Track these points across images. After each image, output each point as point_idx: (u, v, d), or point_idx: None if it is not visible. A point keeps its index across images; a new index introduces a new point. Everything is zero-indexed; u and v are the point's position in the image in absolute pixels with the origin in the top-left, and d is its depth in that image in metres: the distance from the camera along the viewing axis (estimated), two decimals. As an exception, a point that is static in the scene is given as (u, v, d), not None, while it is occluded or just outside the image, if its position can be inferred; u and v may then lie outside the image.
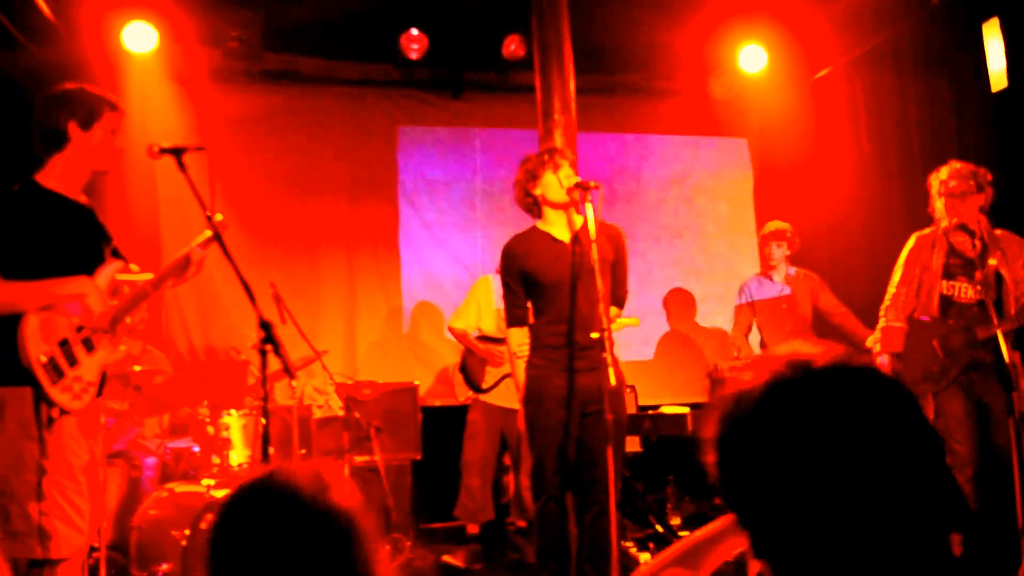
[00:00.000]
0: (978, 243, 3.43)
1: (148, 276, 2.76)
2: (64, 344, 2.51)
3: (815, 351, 0.90)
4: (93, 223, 2.72)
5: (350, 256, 5.84)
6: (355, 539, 1.11)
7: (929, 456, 0.84)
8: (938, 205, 3.72)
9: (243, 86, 5.61)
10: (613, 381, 2.89)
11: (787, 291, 5.01)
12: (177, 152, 2.62)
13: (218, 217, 2.68)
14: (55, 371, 2.46)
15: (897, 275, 3.84)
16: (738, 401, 0.90)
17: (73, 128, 2.60)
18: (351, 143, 5.89)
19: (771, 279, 5.07)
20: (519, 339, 3.35)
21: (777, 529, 0.86)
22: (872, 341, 3.88)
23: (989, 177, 3.68)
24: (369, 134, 5.94)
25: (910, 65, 5.15)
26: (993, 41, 4.41)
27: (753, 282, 5.15)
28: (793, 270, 5.06)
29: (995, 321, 3.28)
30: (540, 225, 3.37)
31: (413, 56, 5.42)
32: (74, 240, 2.62)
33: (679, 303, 6.31)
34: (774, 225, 5.06)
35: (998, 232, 3.63)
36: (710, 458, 0.92)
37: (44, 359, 2.44)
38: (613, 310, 3.42)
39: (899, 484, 0.82)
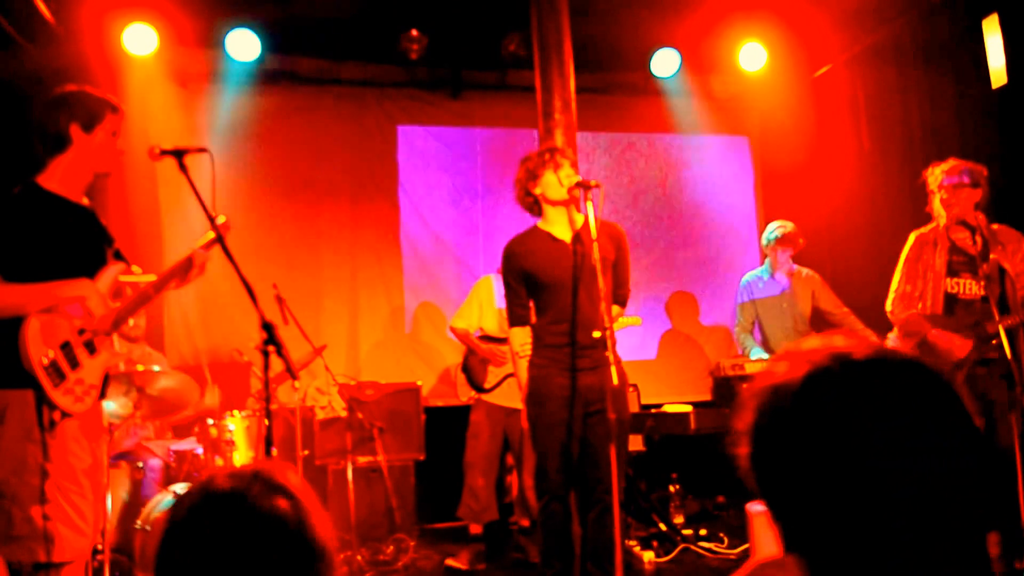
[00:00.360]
0: (979, 239, 3.43)
1: (151, 277, 2.76)
2: (66, 346, 2.51)
3: (853, 342, 0.88)
4: (95, 225, 2.72)
5: (352, 256, 5.84)
6: (303, 543, 1.07)
7: (971, 449, 0.82)
8: (935, 203, 3.72)
9: (243, 87, 5.61)
10: (616, 380, 2.89)
11: (788, 289, 5.01)
12: (178, 154, 2.62)
13: (221, 219, 2.67)
14: (57, 374, 2.46)
15: (898, 274, 3.83)
16: (775, 393, 0.88)
17: (75, 130, 2.60)
18: (351, 143, 5.89)
19: (773, 277, 5.07)
20: (521, 338, 3.35)
21: (812, 522, 0.84)
22: (892, 337, 3.85)
23: (985, 173, 3.67)
24: (369, 134, 5.94)
25: (911, 61, 5.15)
26: (993, 37, 4.40)
27: (755, 280, 5.15)
28: (795, 267, 5.06)
29: (996, 316, 3.28)
30: (541, 224, 3.36)
31: (412, 56, 5.42)
32: (76, 243, 2.62)
33: (681, 303, 6.31)
34: (781, 230, 4.99)
35: (995, 227, 3.62)
36: (743, 450, 0.90)
37: (46, 362, 2.44)
38: (615, 309, 3.42)
39: (939, 479, 0.80)
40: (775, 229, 5.02)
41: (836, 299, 4.99)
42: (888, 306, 3.83)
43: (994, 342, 3.49)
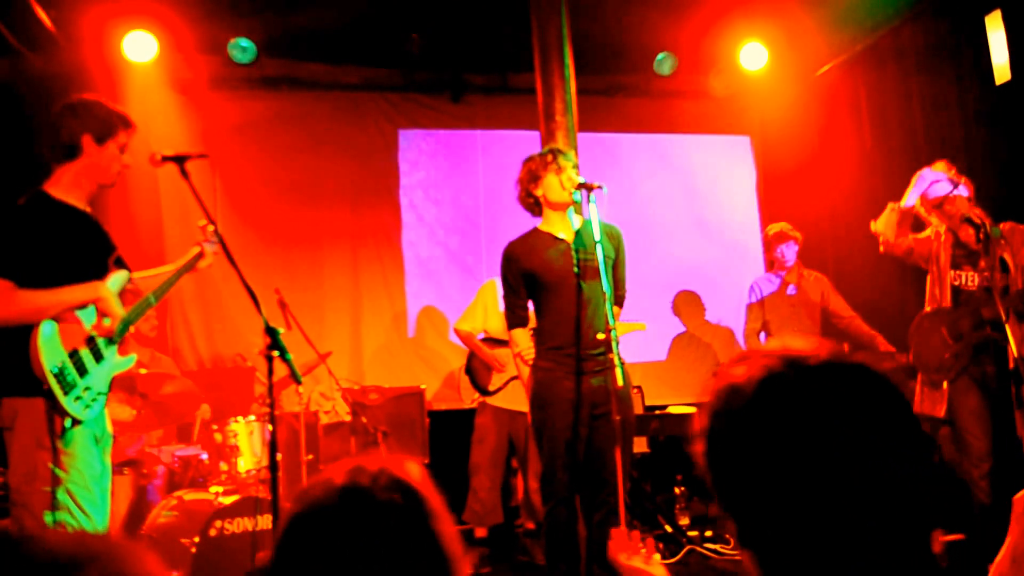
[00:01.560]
0: (982, 233, 3.45)
1: (152, 272, 2.83)
2: (74, 354, 2.52)
3: (808, 347, 0.91)
4: (99, 233, 2.74)
5: (354, 261, 5.84)
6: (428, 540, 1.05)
7: (916, 454, 0.86)
8: (933, 219, 3.80)
9: (243, 93, 5.62)
10: (621, 382, 2.88)
11: (797, 289, 5.01)
12: (179, 160, 2.63)
13: (211, 227, 2.69)
14: (66, 381, 2.47)
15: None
16: (730, 395, 0.91)
17: (88, 141, 2.63)
18: (352, 148, 5.89)
19: (781, 277, 5.06)
20: (523, 341, 3.34)
21: (763, 521, 0.87)
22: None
23: (954, 169, 3.73)
24: (370, 138, 5.94)
25: (912, 59, 5.14)
26: (996, 34, 4.39)
27: (763, 280, 5.16)
28: (803, 269, 5.06)
29: (998, 301, 3.29)
30: (542, 226, 3.36)
31: (413, 59, 5.42)
32: (82, 251, 2.63)
33: (682, 304, 6.30)
34: (778, 227, 5.05)
35: (1003, 225, 3.64)
36: (699, 448, 0.93)
37: (55, 370, 2.45)
38: (614, 310, 3.41)
39: (883, 480, 0.83)
40: (769, 230, 5.10)
41: (845, 302, 5.00)
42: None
43: (988, 328, 3.52)
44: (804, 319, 4.96)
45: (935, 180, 3.69)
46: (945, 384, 3.63)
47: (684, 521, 4.78)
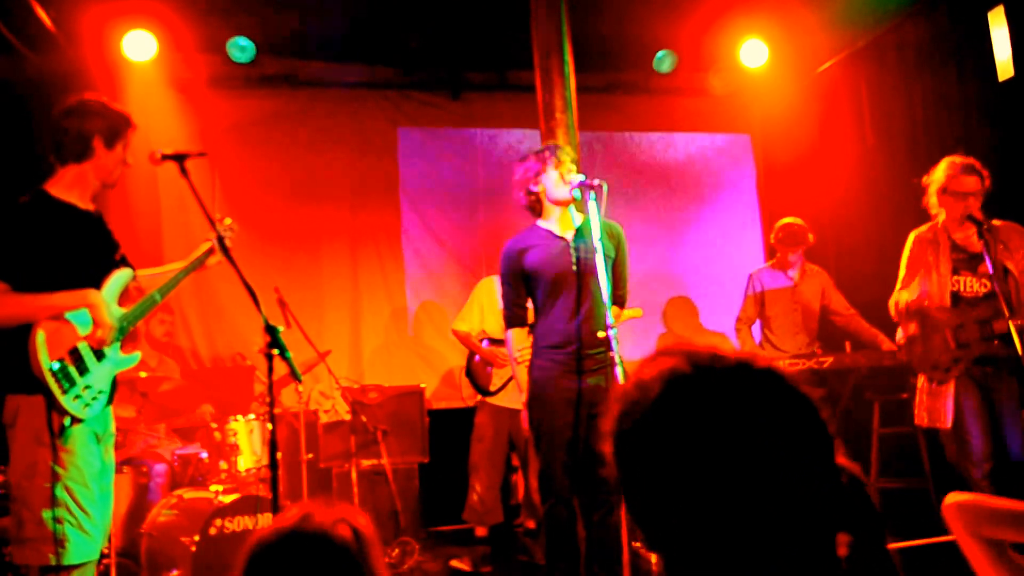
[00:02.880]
0: (986, 235, 3.40)
1: (160, 270, 2.85)
2: (75, 352, 2.52)
3: (722, 349, 0.91)
4: (103, 232, 2.73)
5: (353, 259, 5.84)
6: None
7: (818, 459, 0.86)
8: (933, 202, 3.70)
9: (242, 91, 5.62)
10: (622, 380, 2.87)
11: (797, 283, 4.98)
12: (179, 158, 2.64)
13: (227, 220, 2.68)
14: (66, 379, 2.47)
15: (901, 274, 3.82)
16: (636, 396, 0.90)
17: (97, 143, 2.63)
18: (352, 146, 5.88)
19: (784, 271, 5.03)
20: (519, 342, 3.33)
21: (669, 524, 0.87)
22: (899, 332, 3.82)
23: (979, 167, 3.66)
24: (369, 136, 5.93)
25: (914, 56, 5.12)
26: (999, 30, 4.37)
27: (764, 273, 5.11)
28: (805, 263, 5.03)
29: (1007, 314, 3.25)
30: (541, 223, 3.35)
31: (412, 57, 5.41)
32: (85, 250, 2.63)
33: (683, 303, 6.29)
34: (790, 227, 4.95)
35: (996, 222, 3.59)
36: (607, 448, 0.92)
37: (55, 368, 2.45)
38: (613, 310, 3.40)
39: (785, 484, 0.83)
40: (785, 227, 5.00)
41: (844, 300, 4.97)
42: (892, 309, 3.80)
43: (996, 342, 3.47)
44: (804, 311, 4.94)
45: (962, 175, 3.60)
46: (950, 386, 3.56)
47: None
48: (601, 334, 3.08)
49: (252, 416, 4.08)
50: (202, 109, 5.53)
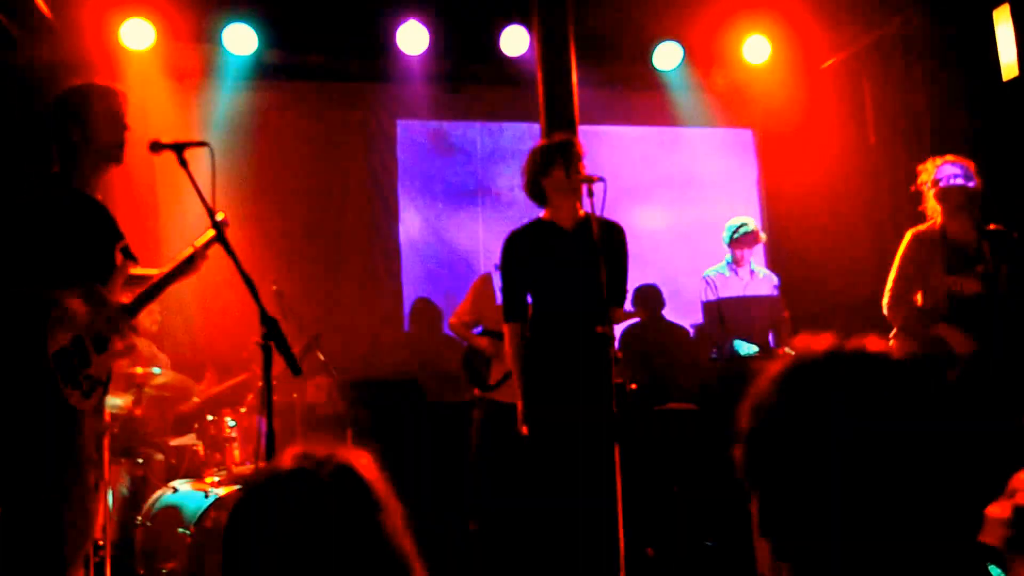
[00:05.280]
0: (985, 235, 3.40)
1: (152, 271, 2.80)
2: (77, 341, 2.49)
3: (823, 342, 0.89)
4: (108, 220, 2.71)
5: (350, 251, 5.81)
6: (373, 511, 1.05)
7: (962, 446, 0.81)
8: (930, 201, 3.68)
9: (240, 82, 5.58)
10: (619, 377, 2.86)
11: (751, 287, 4.92)
12: (178, 148, 2.60)
13: (220, 215, 2.66)
14: (67, 369, 2.45)
15: (893, 273, 3.78)
16: (755, 395, 0.90)
17: (92, 123, 2.61)
18: (350, 138, 5.86)
19: (736, 273, 4.97)
20: (517, 336, 3.31)
21: (804, 531, 0.83)
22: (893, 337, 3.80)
23: (974, 168, 3.65)
24: (368, 128, 5.90)
25: (918, 53, 5.10)
26: (1004, 28, 4.35)
27: (717, 278, 4.98)
28: (755, 266, 4.99)
29: (999, 316, 3.25)
30: (544, 217, 3.33)
31: (412, 49, 5.38)
32: (91, 239, 2.61)
33: (684, 301, 6.26)
34: (745, 228, 4.86)
35: (993, 227, 3.59)
36: (738, 452, 0.90)
37: (57, 359, 2.43)
38: (613, 309, 3.37)
39: (950, 495, 0.78)
40: (739, 227, 4.91)
41: (783, 303, 4.91)
42: (884, 307, 3.78)
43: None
44: (760, 317, 4.85)
45: (954, 173, 3.60)
46: None
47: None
48: (600, 330, 3.06)
49: (247, 408, 4.06)
50: (200, 99, 5.50)
